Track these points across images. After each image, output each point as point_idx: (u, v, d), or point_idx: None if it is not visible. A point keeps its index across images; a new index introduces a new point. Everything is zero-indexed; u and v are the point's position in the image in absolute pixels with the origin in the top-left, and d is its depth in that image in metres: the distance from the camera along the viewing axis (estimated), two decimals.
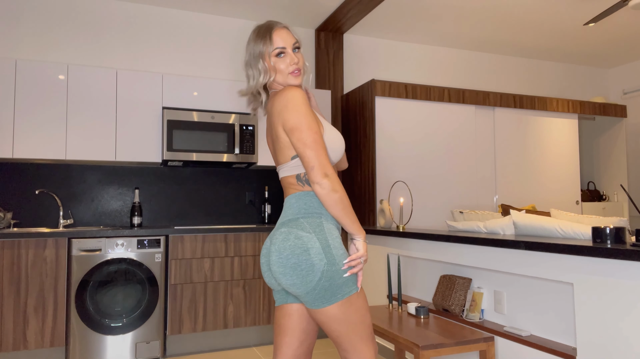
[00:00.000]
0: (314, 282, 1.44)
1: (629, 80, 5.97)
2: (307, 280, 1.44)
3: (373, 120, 4.21)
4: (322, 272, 1.44)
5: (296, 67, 1.60)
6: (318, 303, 1.46)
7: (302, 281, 1.45)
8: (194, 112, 3.87)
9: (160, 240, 3.50)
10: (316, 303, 1.46)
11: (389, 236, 3.40)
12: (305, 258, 1.45)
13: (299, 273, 1.45)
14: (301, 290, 1.46)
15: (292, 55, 1.60)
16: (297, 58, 1.60)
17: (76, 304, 3.26)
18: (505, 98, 4.77)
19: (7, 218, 3.54)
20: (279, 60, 1.59)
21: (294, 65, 1.59)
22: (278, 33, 1.60)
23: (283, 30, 1.61)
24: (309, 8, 4.29)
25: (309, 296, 1.46)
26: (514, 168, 4.81)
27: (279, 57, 1.59)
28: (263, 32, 1.60)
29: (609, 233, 1.94)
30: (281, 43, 1.59)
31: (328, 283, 1.44)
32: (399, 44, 5.15)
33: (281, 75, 1.60)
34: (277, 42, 1.59)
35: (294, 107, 1.50)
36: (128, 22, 4.16)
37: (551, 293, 2.20)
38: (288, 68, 1.59)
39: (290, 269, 1.46)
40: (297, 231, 1.49)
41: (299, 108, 1.50)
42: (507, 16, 4.55)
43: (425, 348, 2.07)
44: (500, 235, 2.57)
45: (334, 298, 1.45)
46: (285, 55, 1.60)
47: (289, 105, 1.52)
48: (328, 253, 1.46)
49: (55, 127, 3.58)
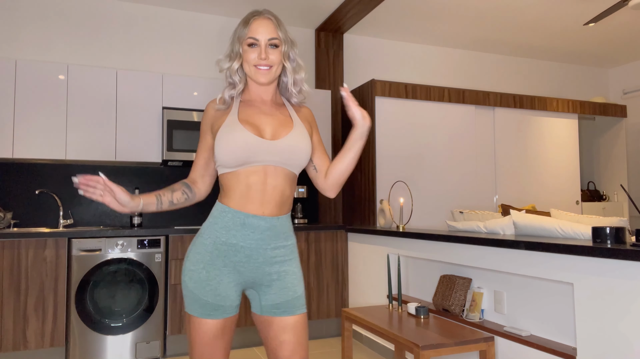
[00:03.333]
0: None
1: (629, 80, 5.97)
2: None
3: (373, 120, 4.21)
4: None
5: (264, 63, 1.51)
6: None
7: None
8: (194, 112, 3.87)
9: (160, 240, 3.50)
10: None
11: (389, 236, 3.40)
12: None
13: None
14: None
15: (263, 50, 1.51)
16: (266, 54, 1.50)
17: (76, 304, 3.26)
18: (505, 98, 4.77)
19: (7, 218, 3.54)
20: (249, 50, 1.53)
21: (262, 61, 1.51)
22: (259, 22, 1.52)
23: (265, 20, 1.53)
24: (309, 8, 4.29)
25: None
26: (514, 168, 4.81)
27: (251, 47, 1.53)
28: (248, 16, 1.55)
29: (609, 233, 1.94)
30: (255, 33, 1.51)
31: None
32: (399, 44, 5.15)
33: (247, 65, 1.54)
34: (252, 31, 1.51)
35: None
36: (128, 22, 4.16)
37: (551, 293, 2.20)
38: (254, 60, 1.51)
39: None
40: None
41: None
42: (507, 16, 4.55)
43: (425, 348, 2.07)
44: (500, 235, 2.57)
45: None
46: (256, 46, 1.52)
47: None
48: (184, 263, 1.55)
49: (55, 127, 3.58)
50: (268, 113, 1.58)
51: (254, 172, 1.49)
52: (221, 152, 1.48)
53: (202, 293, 1.47)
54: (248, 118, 1.54)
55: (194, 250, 1.52)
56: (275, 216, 1.52)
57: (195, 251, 1.51)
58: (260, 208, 1.50)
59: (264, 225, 1.50)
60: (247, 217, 1.49)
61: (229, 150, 1.47)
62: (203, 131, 1.59)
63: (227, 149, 1.47)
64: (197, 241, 1.53)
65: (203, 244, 1.51)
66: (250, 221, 1.49)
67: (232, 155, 1.47)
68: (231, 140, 1.47)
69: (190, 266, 1.50)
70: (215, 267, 1.48)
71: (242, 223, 1.49)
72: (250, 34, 1.52)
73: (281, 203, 1.53)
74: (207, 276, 1.48)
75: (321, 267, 3.95)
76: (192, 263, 1.50)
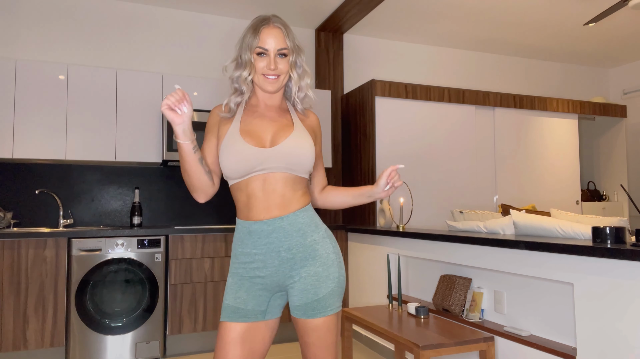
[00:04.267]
0: None
1: (629, 80, 5.97)
2: None
3: (373, 120, 4.21)
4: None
5: (272, 73, 1.53)
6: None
7: None
8: (194, 112, 3.87)
9: (160, 240, 3.50)
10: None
11: (389, 236, 3.40)
12: None
13: None
14: None
15: (272, 59, 1.52)
16: (275, 64, 1.52)
17: (76, 305, 3.26)
18: (505, 98, 4.77)
19: (7, 218, 3.54)
20: (258, 59, 1.54)
21: (270, 70, 1.52)
22: (268, 31, 1.53)
23: (275, 30, 1.53)
24: (309, 8, 4.29)
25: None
26: (514, 168, 4.81)
27: (259, 56, 1.54)
28: (257, 24, 1.55)
29: (609, 233, 1.94)
30: (265, 43, 1.52)
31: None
32: (399, 44, 5.15)
33: (256, 75, 1.55)
34: (262, 41, 1.52)
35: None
36: (128, 22, 4.16)
37: (551, 293, 2.20)
38: (263, 69, 1.53)
39: None
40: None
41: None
42: (507, 16, 4.55)
43: (425, 348, 2.07)
44: (500, 235, 2.57)
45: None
46: (265, 56, 1.53)
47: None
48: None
49: (55, 127, 3.58)
50: (271, 118, 1.59)
51: (254, 181, 1.52)
52: (224, 166, 1.52)
53: (226, 297, 1.56)
54: (250, 127, 1.55)
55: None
56: (280, 217, 1.50)
57: (230, 262, 1.63)
58: (262, 214, 1.51)
59: (267, 229, 1.50)
60: (251, 225, 1.51)
61: (230, 163, 1.50)
62: (210, 132, 1.60)
63: (228, 163, 1.51)
64: (232, 254, 1.63)
65: (233, 255, 1.60)
66: (254, 229, 1.51)
67: (233, 167, 1.50)
68: (231, 154, 1.50)
69: (228, 276, 1.61)
70: (237, 274, 1.56)
71: (248, 231, 1.52)
72: (260, 44, 1.52)
73: (283, 205, 1.51)
74: (232, 282, 1.57)
75: None
76: (229, 274, 1.60)
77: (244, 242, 1.53)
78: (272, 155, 1.51)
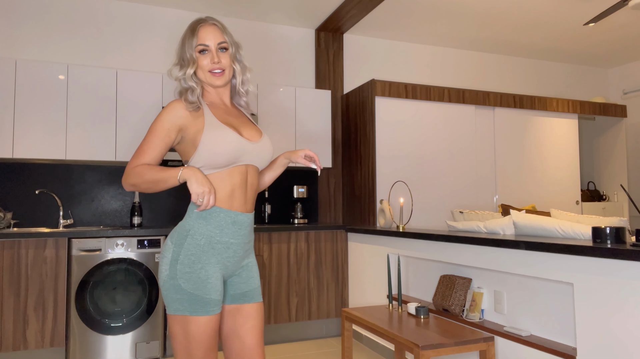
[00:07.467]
0: (161, 288, 1.55)
1: (629, 80, 5.97)
2: (160, 283, 1.55)
3: (373, 120, 4.21)
4: (163, 281, 1.52)
5: (217, 67, 1.59)
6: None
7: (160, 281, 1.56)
8: None
9: (160, 240, 3.50)
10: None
11: (389, 236, 3.40)
12: (161, 266, 1.55)
13: (159, 276, 1.57)
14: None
15: (214, 54, 1.59)
16: (218, 58, 1.59)
17: (76, 304, 3.26)
18: (505, 98, 4.77)
19: (7, 218, 3.54)
20: (201, 57, 1.60)
21: (215, 65, 1.59)
22: (206, 29, 1.60)
23: (211, 27, 1.61)
24: (309, 8, 4.29)
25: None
26: (514, 168, 4.81)
27: (201, 54, 1.60)
28: (193, 25, 1.63)
29: (609, 233, 1.94)
30: (205, 40, 1.59)
31: (165, 293, 1.52)
32: (399, 44, 5.15)
33: (202, 72, 1.61)
34: (201, 38, 1.59)
35: (154, 120, 1.55)
36: (128, 22, 4.16)
37: (551, 293, 2.20)
38: (208, 66, 1.59)
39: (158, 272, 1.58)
40: (167, 239, 1.58)
41: (154, 123, 1.54)
42: (507, 16, 4.55)
43: (425, 348, 2.07)
44: (500, 235, 2.57)
45: (168, 309, 1.53)
46: (207, 52, 1.60)
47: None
48: (173, 267, 1.51)
49: (55, 127, 3.58)
50: (236, 116, 1.67)
51: (238, 172, 1.58)
52: (212, 152, 1.51)
53: (205, 291, 1.49)
54: (225, 121, 1.60)
55: (184, 252, 1.51)
56: (252, 212, 1.64)
57: (187, 252, 1.51)
58: (244, 206, 1.60)
59: (247, 221, 1.60)
60: (236, 215, 1.57)
61: (222, 150, 1.51)
62: (166, 128, 1.52)
63: (219, 149, 1.51)
64: (188, 242, 1.52)
65: (197, 244, 1.52)
66: (239, 219, 1.57)
67: (223, 155, 1.52)
68: (222, 140, 1.52)
69: (184, 268, 1.50)
70: (211, 264, 1.53)
71: (233, 221, 1.56)
72: (200, 41, 1.60)
73: (254, 200, 1.66)
74: (207, 274, 1.51)
75: (321, 267, 3.95)
76: (187, 265, 1.50)
77: (223, 231, 1.54)
78: (257, 149, 1.62)
